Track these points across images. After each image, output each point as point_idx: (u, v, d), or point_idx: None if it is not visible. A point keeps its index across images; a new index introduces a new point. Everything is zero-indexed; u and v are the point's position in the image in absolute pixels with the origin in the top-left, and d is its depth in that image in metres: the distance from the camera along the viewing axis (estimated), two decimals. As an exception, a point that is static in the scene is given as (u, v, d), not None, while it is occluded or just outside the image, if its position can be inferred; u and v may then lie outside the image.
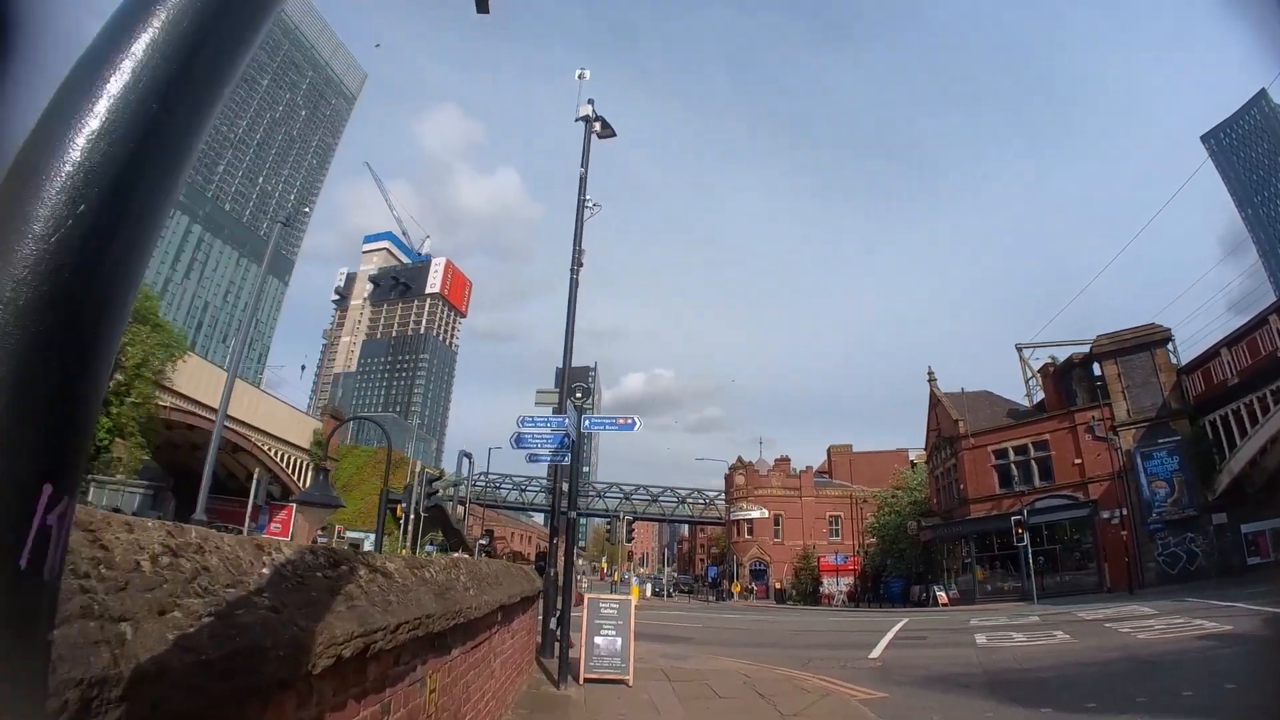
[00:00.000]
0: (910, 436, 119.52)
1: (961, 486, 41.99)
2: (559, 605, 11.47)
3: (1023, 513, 35.22)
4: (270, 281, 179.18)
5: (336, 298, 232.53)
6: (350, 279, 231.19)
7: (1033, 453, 39.57)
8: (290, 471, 58.62)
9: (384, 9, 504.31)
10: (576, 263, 15.14)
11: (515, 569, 8.06)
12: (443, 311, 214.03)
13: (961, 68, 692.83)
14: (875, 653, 15.42)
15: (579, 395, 11.93)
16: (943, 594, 40.52)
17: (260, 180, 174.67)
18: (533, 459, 12.24)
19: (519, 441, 12.11)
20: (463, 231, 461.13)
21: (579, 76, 17.02)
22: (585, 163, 16.38)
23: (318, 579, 2.02)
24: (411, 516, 27.67)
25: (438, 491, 28.24)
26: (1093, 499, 36.68)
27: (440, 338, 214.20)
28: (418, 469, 26.27)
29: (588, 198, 16.18)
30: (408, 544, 64.22)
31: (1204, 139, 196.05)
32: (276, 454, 56.47)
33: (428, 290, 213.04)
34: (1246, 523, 32.48)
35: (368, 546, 53.99)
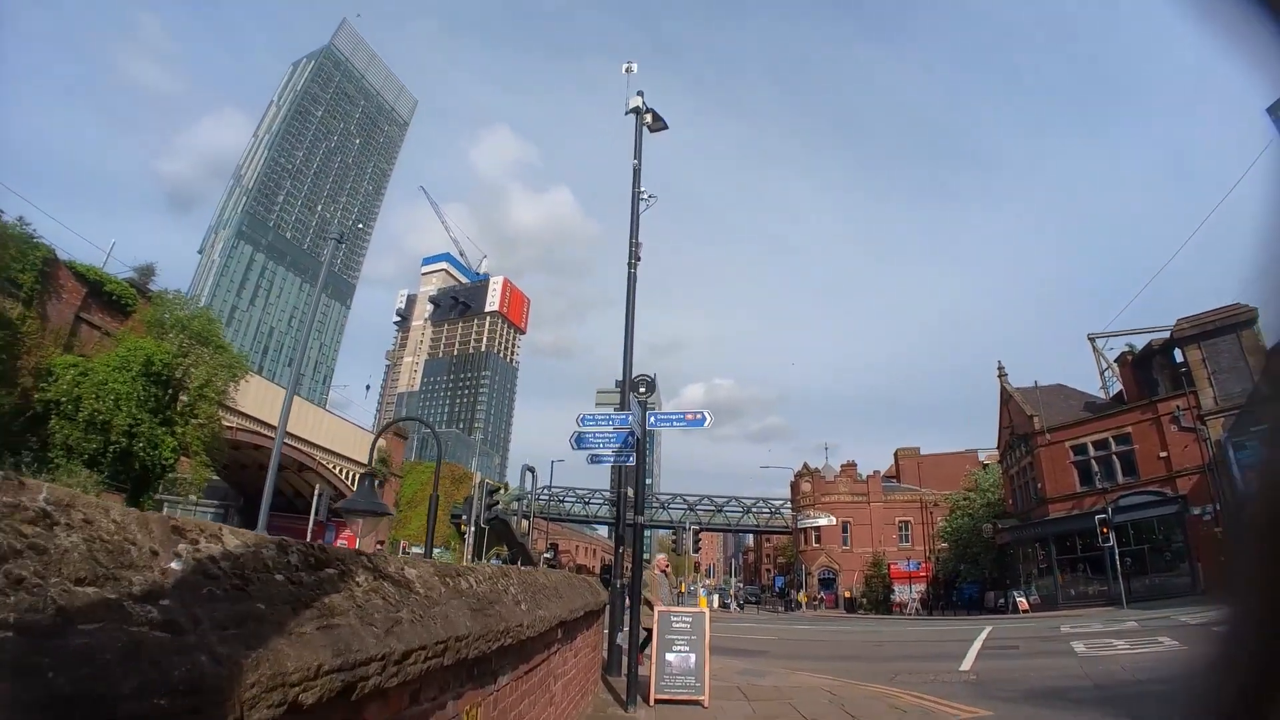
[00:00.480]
0: (978, 437, 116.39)
1: (1039, 486, 40.09)
2: (626, 619, 10.78)
3: (1107, 511, 33.27)
4: (333, 306, 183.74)
5: (398, 319, 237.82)
6: (411, 300, 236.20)
7: (1114, 447, 37.47)
8: (353, 487, 59.22)
9: (430, 36, 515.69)
10: (634, 257, 14.59)
11: (578, 579, 7.38)
12: (502, 329, 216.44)
13: (1010, 54, 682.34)
14: (966, 664, 14.32)
15: (643, 390, 11.28)
16: (1022, 599, 38.65)
17: (319, 208, 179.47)
18: (595, 460, 11.53)
19: (580, 441, 11.34)
20: (520, 251, 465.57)
21: (626, 70, 16.49)
22: (638, 154, 15.84)
23: (274, 584, 1.34)
24: (472, 529, 27.27)
25: (498, 504, 27.85)
26: (1181, 494, 34.32)
27: (501, 354, 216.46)
28: (478, 481, 25.80)
29: (642, 189, 15.66)
30: (470, 557, 64.76)
31: (1270, 110, 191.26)
32: (341, 471, 57.14)
33: (487, 309, 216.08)
34: None
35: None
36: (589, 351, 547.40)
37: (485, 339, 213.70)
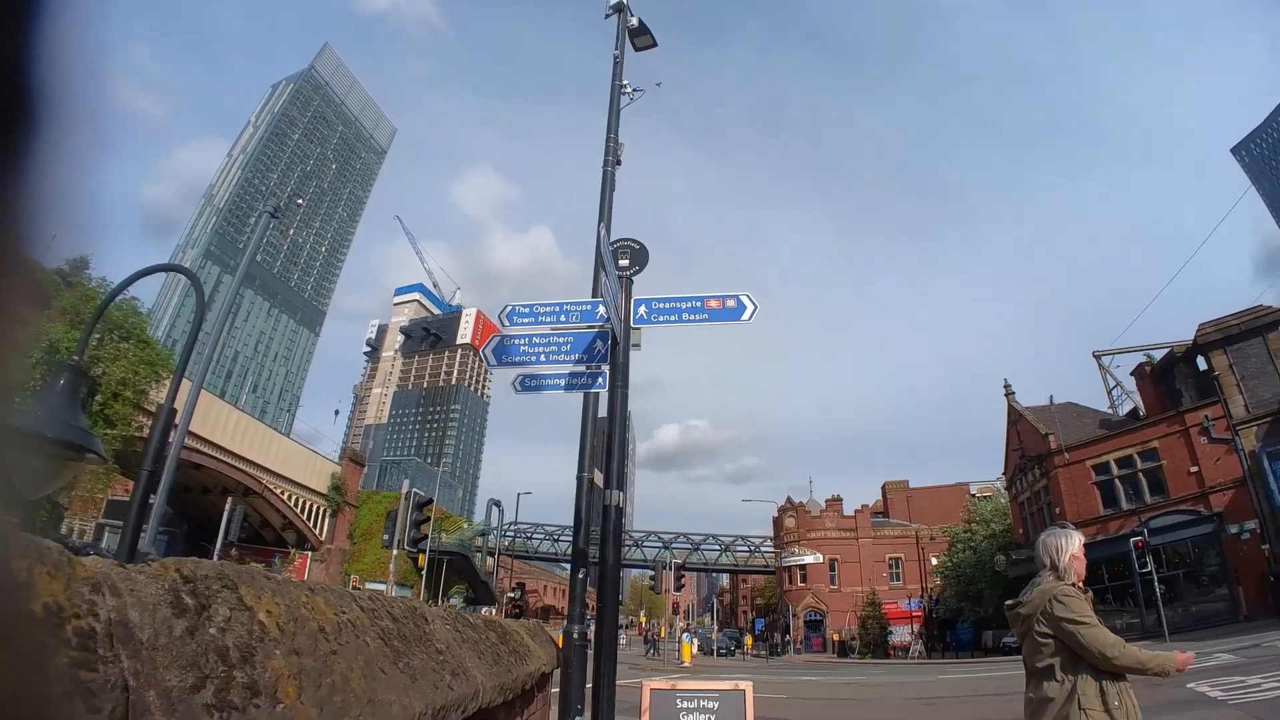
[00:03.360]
0: (968, 469, 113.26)
1: (1057, 510, 36.40)
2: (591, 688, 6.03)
3: (1143, 532, 29.63)
4: (301, 332, 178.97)
5: (368, 349, 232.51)
6: (382, 331, 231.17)
7: (1139, 464, 34.03)
8: (306, 517, 54.45)
9: (413, 75, 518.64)
10: (612, 156, 10.97)
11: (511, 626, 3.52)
12: (474, 362, 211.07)
13: (979, 100, 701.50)
14: None
15: (626, 263, 7.13)
16: (1042, 635, 34.71)
17: (291, 232, 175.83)
18: (529, 386, 6.71)
19: (502, 353, 6.72)
20: (498, 290, 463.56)
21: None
22: (620, 46, 12.46)
23: None
24: (394, 552, 21.81)
25: (428, 519, 22.48)
26: (1217, 511, 30.96)
27: (472, 388, 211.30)
28: (405, 492, 20.42)
29: (625, 83, 12.12)
30: (431, 597, 59.83)
31: (1234, 151, 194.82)
32: (291, 499, 52.36)
33: (459, 341, 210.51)
34: None
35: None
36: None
37: (456, 372, 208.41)
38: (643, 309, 7.10)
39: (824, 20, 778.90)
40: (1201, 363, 34.21)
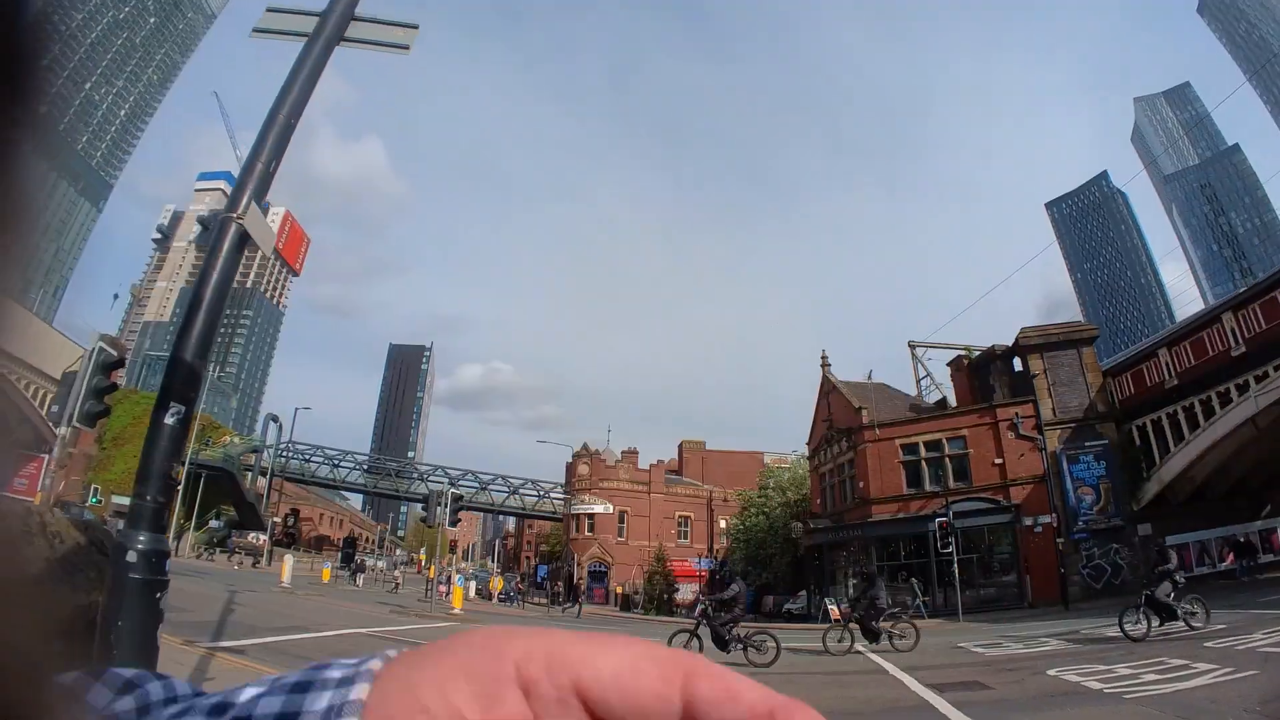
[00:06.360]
0: (764, 444, 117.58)
1: (861, 485, 36.75)
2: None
3: (948, 514, 30.20)
4: (81, 204, 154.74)
5: (158, 237, 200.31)
6: (176, 218, 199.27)
7: (947, 449, 34.83)
8: (40, 407, 45.40)
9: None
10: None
11: None
12: (274, 267, 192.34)
13: (831, 106, 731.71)
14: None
15: None
16: (834, 608, 34.96)
17: (88, 86, 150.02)
18: None
19: None
20: (317, 198, 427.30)
21: None
22: None
23: None
24: (63, 429, 16.04)
25: (114, 386, 16.58)
26: (1015, 503, 32.40)
27: (268, 295, 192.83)
28: (94, 348, 14.77)
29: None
30: (185, 518, 52.45)
31: (1047, 206, 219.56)
32: (28, 387, 43.42)
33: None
34: (1171, 534, 29.97)
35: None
36: (371, 315, 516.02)
37: (254, 275, 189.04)
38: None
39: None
40: (1018, 364, 35.57)
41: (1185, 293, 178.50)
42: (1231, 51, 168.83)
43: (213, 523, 60.62)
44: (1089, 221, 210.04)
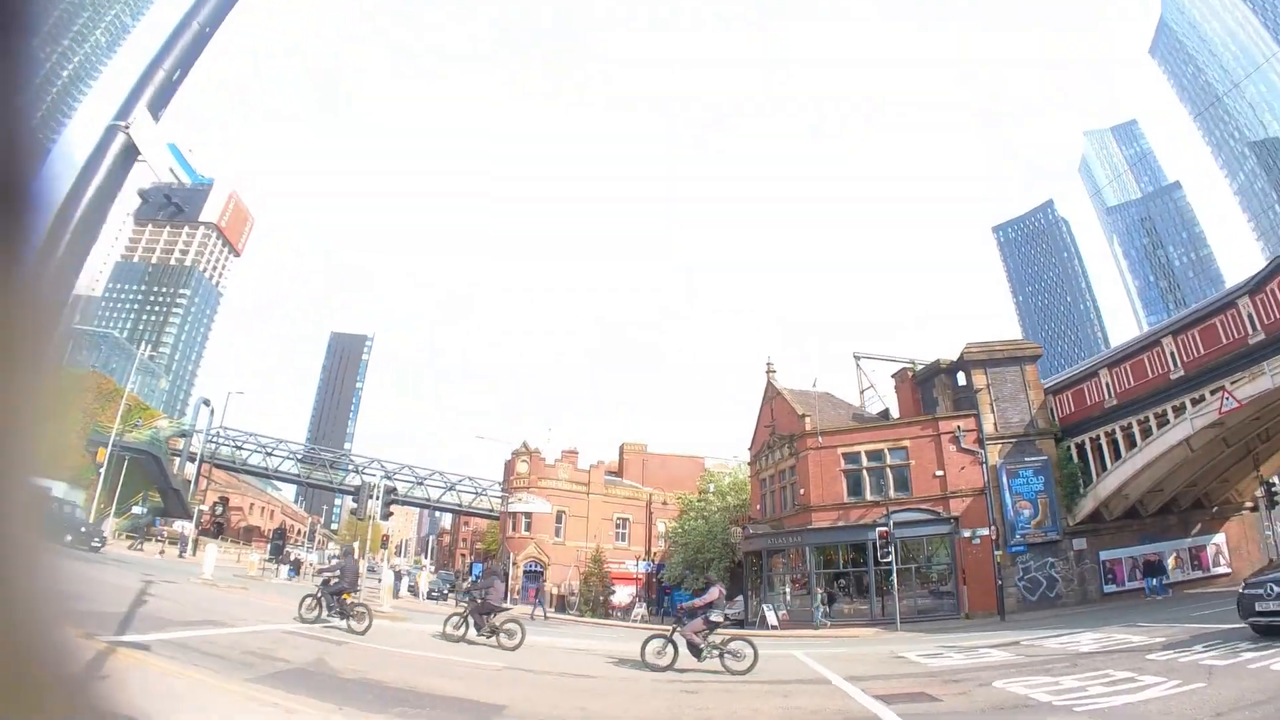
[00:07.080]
0: (704, 449, 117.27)
1: (802, 492, 36.52)
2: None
3: (888, 523, 30.14)
4: None
5: None
6: None
7: (889, 459, 34.76)
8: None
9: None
10: None
11: None
12: (215, 245, 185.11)
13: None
14: None
15: None
16: (771, 614, 34.72)
17: (31, 42, 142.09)
18: None
19: None
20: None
21: None
22: None
23: None
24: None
25: None
26: (955, 515, 32.47)
27: (207, 274, 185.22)
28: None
29: None
30: (106, 502, 49.59)
31: (995, 229, 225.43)
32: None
33: (202, 218, 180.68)
34: (1105, 549, 31.18)
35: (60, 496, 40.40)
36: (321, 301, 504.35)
37: (194, 252, 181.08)
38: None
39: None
40: (962, 378, 35.80)
41: (1122, 321, 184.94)
42: (1179, 94, 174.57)
43: (135, 509, 57.72)
44: (1033, 246, 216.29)
